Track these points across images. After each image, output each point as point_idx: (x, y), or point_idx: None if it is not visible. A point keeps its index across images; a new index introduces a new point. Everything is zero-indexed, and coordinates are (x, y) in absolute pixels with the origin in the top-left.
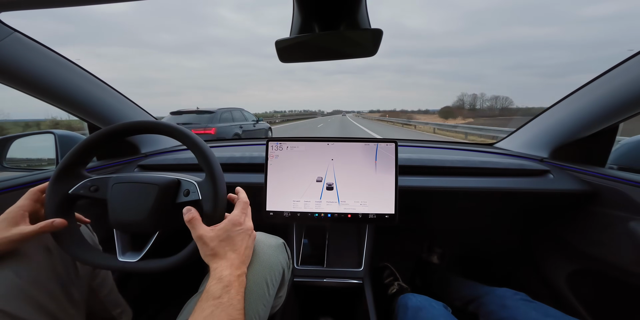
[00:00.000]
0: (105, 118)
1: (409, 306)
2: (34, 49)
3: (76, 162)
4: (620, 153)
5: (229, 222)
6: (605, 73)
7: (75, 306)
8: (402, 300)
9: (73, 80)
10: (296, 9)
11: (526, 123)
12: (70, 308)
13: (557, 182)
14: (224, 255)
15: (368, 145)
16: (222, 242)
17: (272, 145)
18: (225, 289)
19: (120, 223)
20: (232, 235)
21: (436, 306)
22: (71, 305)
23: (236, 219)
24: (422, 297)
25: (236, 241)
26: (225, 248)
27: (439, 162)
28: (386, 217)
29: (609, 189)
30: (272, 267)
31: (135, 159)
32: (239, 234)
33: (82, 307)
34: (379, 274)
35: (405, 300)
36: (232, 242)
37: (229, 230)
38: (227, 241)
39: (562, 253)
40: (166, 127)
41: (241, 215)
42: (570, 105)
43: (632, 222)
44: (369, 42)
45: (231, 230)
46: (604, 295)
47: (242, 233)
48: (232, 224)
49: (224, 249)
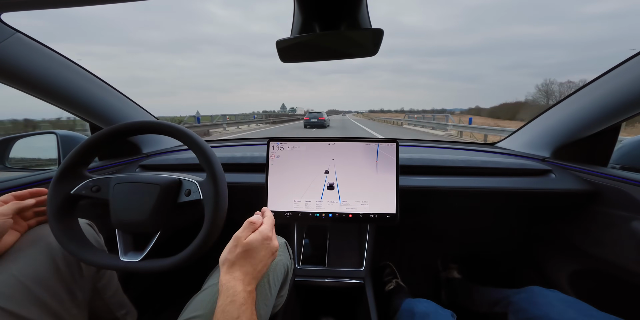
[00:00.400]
0: (107, 118)
1: (416, 312)
2: (36, 50)
3: (78, 163)
4: (623, 152)
5: (259, 234)
6: (607, 72)
7: (78, 306)
8: (408, 305)
9: (75, 80)
10: (297, 9)
11: (528, 122)
12: (74, 308)
13: (559, 181)
14: (242, 266)
15: (369, 145)
16: (246, 253)
17: (273, 145)
18: (242, 309)
19: (122, 223)
20: (258, 248)
21: (442, 313)
22: (74, 306)
23: (266, 233)
24: (429, 303)
25: (259, 255)
26: (247, 259)
27: (440, 161)
28: (387, 217)
29: (611, 188)
30: (275, 266)
31: (137, 159)
32: (264, 248)
33: (85, 308)
34: (379, 273)
35: (412, 306)
36: (256, 255)
37: (259, 242)
38: (250, 252)
39: (564, 253)
40: (167, 127)
41: (270, 231)
42: (572, 105)
43: (634, 221)
44: (370, 42)
45: (260, 243)
46: (607, 295)
47: (267, 249)
48: (262, 237)
49: (244, 260)
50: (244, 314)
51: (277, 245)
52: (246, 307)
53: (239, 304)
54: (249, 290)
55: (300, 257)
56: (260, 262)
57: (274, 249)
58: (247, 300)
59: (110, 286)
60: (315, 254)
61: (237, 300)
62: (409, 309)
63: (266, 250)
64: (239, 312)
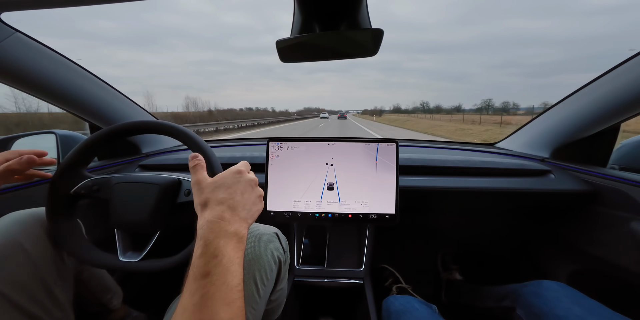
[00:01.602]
0: (106, 118)
1: (392, 311)
2: (35, 49)
3: (77, 162)
4: (622, 153)
5: (229, 170)
6: (606, 73)
7: (61, 309)
8: (385, 305)
9: (74, 80)
10: (297, 9)
11: (527, 123)
12: (57, 311)
13: (558, 182)
14: (216, 203)
15: (369, 145)
16: (217, 188)
17: (272, 145)
18: (213, 262)
19: (122, 223)
20: (229, 181)
21: (419, 308)
22: (57, 309)
23: (236, 168)
24: (405, 299)
25: (234, 188)
26: (219, 194)
27: (439, 162)
28: (387, 217)
29: (611, 189)
30: (262, 261)
31: (136, 159)
32: (238, 181)
33: (69, 308)
34: (378, 276)
35: (388, 305)
36: (229, 189)
37: (228, 177)
38: (222, 187)
39: (563, 253)
40: (167, 127)
41: (241, 166)
42: (572, 105)
43: (633, 222)
44: (370, 42)
45: (229, 177)
46: (606, 295)
47: (242, 182)
48: (231, 172)
49: (216, 195)
50: (217, 268)
51: (255, 179)
52: (221, 259)
53: (209, 256)
54: (232, 231)
55: (300, 257)
56: (240, 194)
57: (253, 183)
58: (221, 250)
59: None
60: (314, 254)
61: (207, 252)
62: (386, 309)
63: (243, 184)
64: (208, 268)
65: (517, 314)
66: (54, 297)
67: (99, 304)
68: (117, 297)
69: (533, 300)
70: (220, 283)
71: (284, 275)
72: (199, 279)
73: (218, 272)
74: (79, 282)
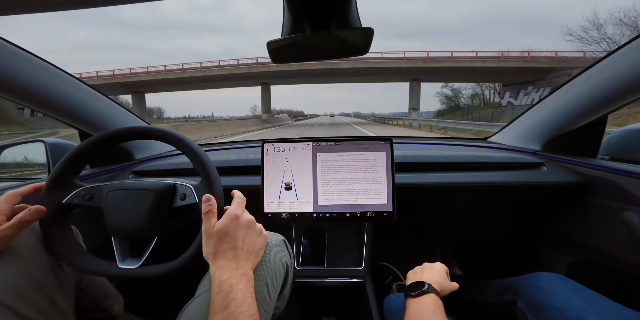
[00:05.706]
0: (96, 125)
1: (394, 308)
2: (19, 56)
3: (68, 171)
4: (610, 144)
5: (226, 216)
6: (592, 66)
7: (63, 316)
8: (387, 303)
9: (61, 86)
10: (286, 10)
11: (518, 116)
12: (58, 317)
13: (550, 174)
14: (223, 253)
15: (364, 143)
16: (221, 239)
17: (267, 147)
18: (230, 297)
19: (118, 230)
20: (230, 230)
21: None
22: (60, 316)
23: (232, 212)
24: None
25: (236, 236)
26: (224, 245)
27: (434, 157)
28: (384, 214)
29: (602, 179)
30: (272, 267)
31: (129, 165)
32: (238, 228)
33: (71, 314)
34: (378, 274)
35: (390, 303)
36: (231, 238)
37: (227, 225)
38: (225, 238)
39: (560, 245)
40: (159, 132)
41: (237, 209)
42: (560, 98)
43: (625, 212)
44: (361, 41)
45: (229, 225)
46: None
47: (241, 227)
48: (229, 218)
49: (222, 246)
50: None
51: (252, 219)
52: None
53: (226, 293)
54: (239, 273)
55: (300, 258)
56: (242, 241)
57: (252, 224)
58: (234, 287)
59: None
60: (314, 254)
61: (223, 290)
62: (388, 307)
63: (243, 229)
64: (227, 302)
65: (518, 308)
66: (56, 305)
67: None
68: (119, 303)
69: (533, 293)
70: (239, 312)
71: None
72: (218, 312)
73: (235, 304)
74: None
